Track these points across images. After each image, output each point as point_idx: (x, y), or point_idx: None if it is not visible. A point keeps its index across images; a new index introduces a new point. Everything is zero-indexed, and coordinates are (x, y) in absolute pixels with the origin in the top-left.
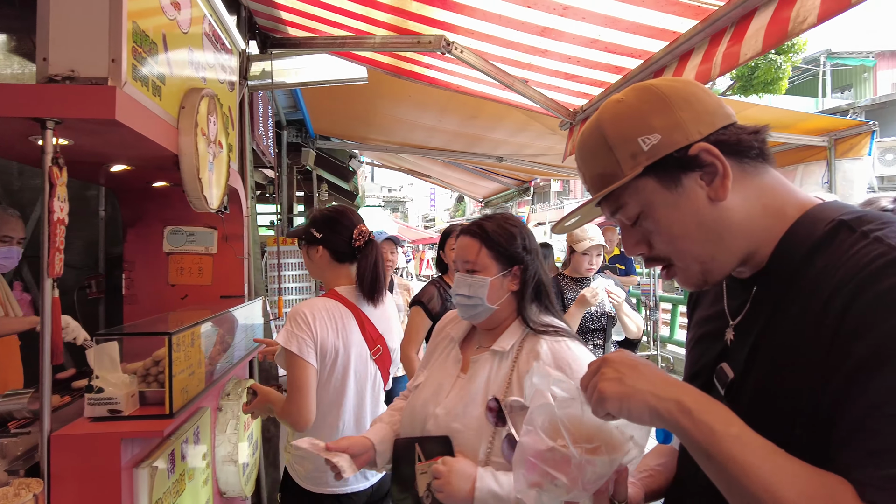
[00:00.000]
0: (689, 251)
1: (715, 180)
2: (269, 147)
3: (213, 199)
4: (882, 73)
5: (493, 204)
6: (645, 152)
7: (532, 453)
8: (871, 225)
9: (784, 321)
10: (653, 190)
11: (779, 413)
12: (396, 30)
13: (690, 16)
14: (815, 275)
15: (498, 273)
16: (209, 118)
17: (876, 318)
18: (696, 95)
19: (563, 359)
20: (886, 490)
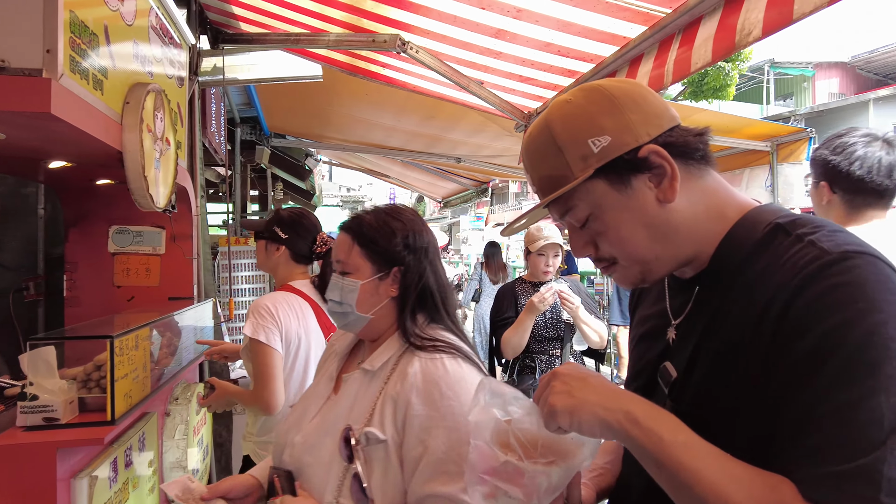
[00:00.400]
0: (635, 252)
1: (663, 182)
2: (222, 144)
3: (159, 198)
4: (820, 83)
5: (453, 204)
6: (595, 154)
7: (483, 470)
8: (805, 228)
9: (726, 322)
10: (603, 192)
11: (721, 413)
12: (352, 28)
13: (640, 22)
14: (754, 276)
15: (372, 276)
16: (156, 114)
17: (813, 319)
18: (643, 97)
19: (432, 380)
20: (826, 487)
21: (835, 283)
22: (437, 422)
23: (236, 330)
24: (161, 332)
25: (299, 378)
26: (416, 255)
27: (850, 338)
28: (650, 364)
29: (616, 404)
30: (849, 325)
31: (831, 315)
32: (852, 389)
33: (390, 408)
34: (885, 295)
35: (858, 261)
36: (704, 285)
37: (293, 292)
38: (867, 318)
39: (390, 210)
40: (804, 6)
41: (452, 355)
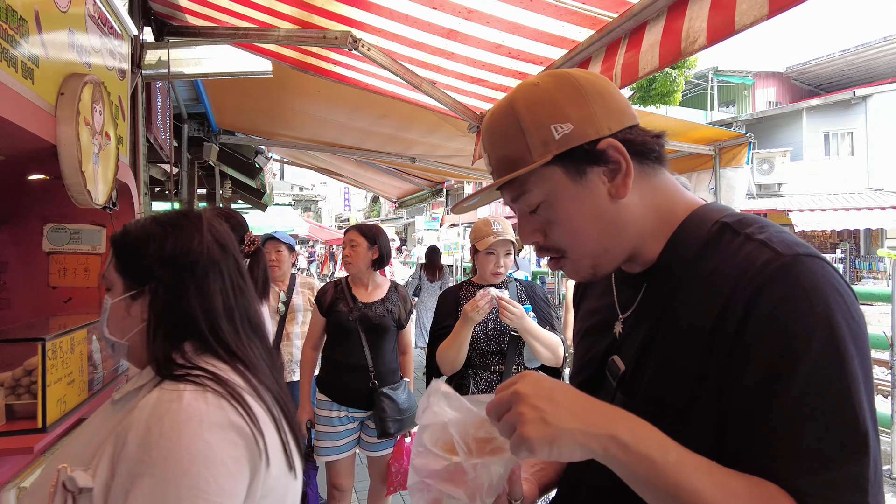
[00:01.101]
0: (583, 244)
1: (617, 177)
2: (168, 141)
3: (98, 195)
4: (759, 91)
5: (408, 205)
6: (556, 141)
7: (426, 474)
8: (752, 228)
9: (677, 317)
10: (558, 180)
11: (673, 407)
12: (302, 24)
13: (587, 25)
14: (706, 274)
15: (123, 294)
16: (94, 107)
17: (777, 326)
18: (608, 91)
19: (157, 415)
20: (818, 496)
21: (793, 288)
22: (144, 468)
23: None
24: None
25: None
26: (174, 272)
27: (815, 343)
28: (596, 358)
29: (598, 428)
30: (812, 330)
31: (794, 321)
32: (826, 395)
33: (110, 446)
34: (836, 297)
35: (810, 264)
36: (653, 281)
37: None
38: (827, 322)
39: (166, 216)
40: (744, 18)
41: (201, 388)
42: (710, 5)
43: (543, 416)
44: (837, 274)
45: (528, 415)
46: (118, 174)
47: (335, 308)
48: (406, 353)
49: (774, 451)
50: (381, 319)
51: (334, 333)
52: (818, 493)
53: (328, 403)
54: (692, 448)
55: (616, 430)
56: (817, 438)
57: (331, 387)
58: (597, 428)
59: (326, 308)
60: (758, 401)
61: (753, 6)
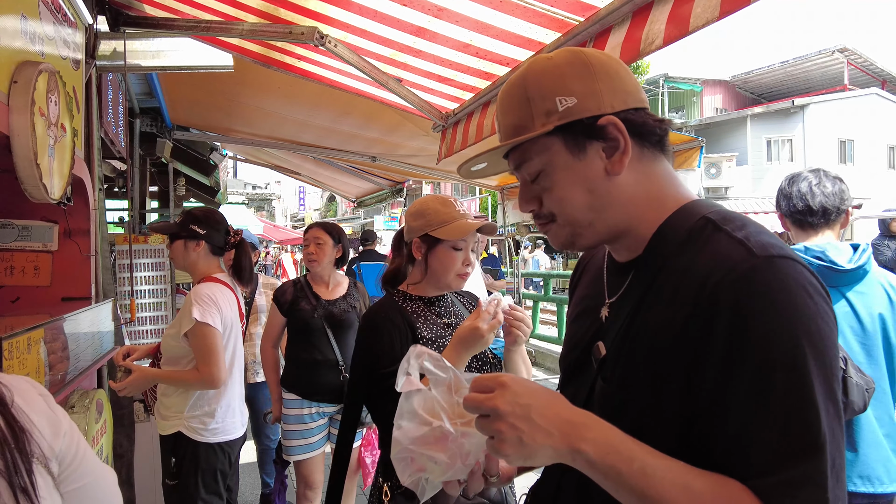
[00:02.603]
0: (571, 213)
1: (615, 155)
2: (120, 136)
3: (54, 189)
4: (707, 98)
5: (367, 204)
6: (559, 112)
7: (409, 441)
8: (732, 225)
9: (653, 308)
10: (557, 150)
11: (643, 395)
12: (267, 17)
13: (555, 28)
14: (683, 267)
15: None
16: (49, 97)
17: (746, 326)
18: (618, 72)
19: None
20: (780, 494)
21: (762, 290)
22: None
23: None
24: (55, 335)
25: (229, 358)
26: None
27: (778, 346)
28: (583, 341)
29: (567, 445)
30: (776, 333)
31: (760, 324)
32: (785, 397)
33: None
34: (804, 300)
35: (782, 265)
36: (639, 269)
37: (220, 283)
38: (791, 326)
39: None
40: (697, 21)
41: None
42: (670, 9)
43: (520, 437)
44: (812, 276)
45: (507, 434)
46: (73, 168)
47: (297, 307)
48: None
49: (737, 450)
50: (346, 315)
51: (298, 331)
52: (778, 492)
53: (297, 402)
54: (656, 440)
55: (582, 444)
56: (777, 439)
57: (300, 385)
58: (566, 445)
59: (287, 307)
60: (722, 401)
61: (706, 9)
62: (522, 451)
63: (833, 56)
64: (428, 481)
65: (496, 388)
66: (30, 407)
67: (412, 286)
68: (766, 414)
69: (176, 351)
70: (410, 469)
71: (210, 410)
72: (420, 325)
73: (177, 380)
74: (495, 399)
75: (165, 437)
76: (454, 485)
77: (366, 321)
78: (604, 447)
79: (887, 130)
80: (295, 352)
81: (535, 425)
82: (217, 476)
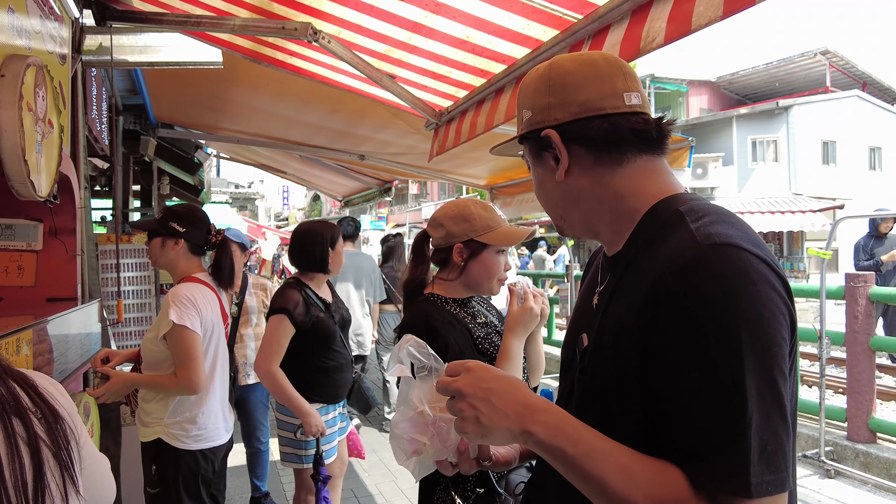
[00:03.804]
0: (545, 206)
1: (558, 163)
2: (103, 133)
3: (41, 186)
4: (692, 99)
5: (354, 203)
6: (523, 122)
7: (402, 426)
8: (693, 216)
9: (619, 301)
10: (527, 154)
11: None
12: (260, 12)
13: (553, 25)
14: (645, 261)
15: None
16: (37, 91)
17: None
18: (576, 84)
19: None
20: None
21: (700, 277)
22: None
23: (125, 335)
24: (41, 336)
25: (210, 362)
26: None
27: (709, 332)
28: (574, 332)
29: (518, 425)
30: (708, 319)
31: (693, 313)
32: (714, 382)
33: None
34: (745, 286)
35: (724, 253)
36: (618, 263)
37: (200, 283)
38: (729, 311)
39: None
40: (700, 19)
41: None
42: (671, 7)
43: (478, 416)
44: (761, 263)
45: (466, 412)
46: (61, 165)
47: (314, 315)
48: None
49: (673, 435)
50: (346, 312)
51: (319, 340)
52: (705, 476)
53: (323, 409)
54: (623, 428)
55: (533, 426)
56: (704, 424)
57: (326, 392)
58: (518, 426)
59: (310, 322)
60: (660, 388)
61: (710, 8)
62: (480, 429)
63: (815, 58)
64: (421, 462)
65: (462, 372)
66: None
67: (441, 289)
68: (695, 400)
69: (156, 355)
70: (408, 451)
71: (191, 416)
72: (471, 326)
73: (155, 385)
74: (459, 381)
75: (146, 444)
76: (446, 465)
77: (425, 327)
78: (552, 430)
79: (868, 132)
80: (315, 361)
81: (493, 407)
82: (199, 484)
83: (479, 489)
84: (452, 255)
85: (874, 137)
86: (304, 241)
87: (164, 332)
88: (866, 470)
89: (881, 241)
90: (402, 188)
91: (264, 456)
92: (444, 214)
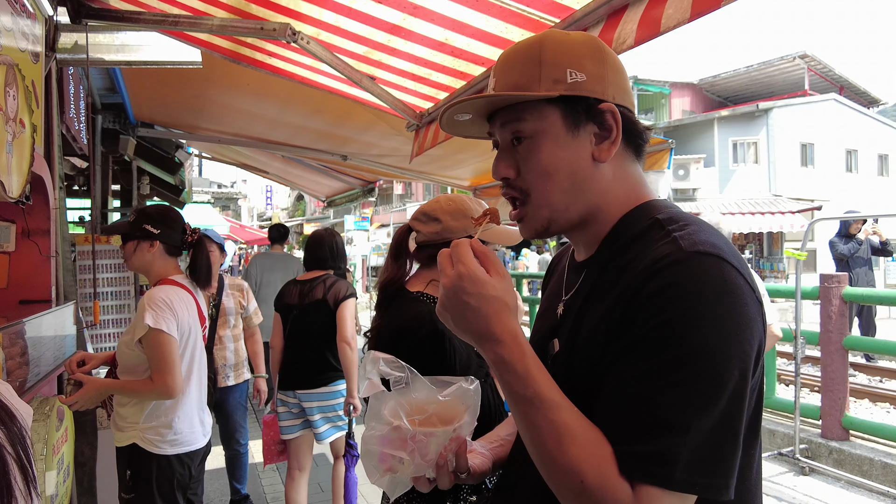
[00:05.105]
0: (550, 192)
1: (604, 143)
2: (82, 133)
3: (12, 187)
4: (675, 101)
5: (337, 204)
6: (567, 84)
7: (377, 442)
8: (675, 225)
9: (595, 305)
10: (553, 121)
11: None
12: (238, 13)
13: (530, 28)
14: (623, 266)
15: None
16: (7, 90)
17: (647, 312)
18: (623, 72)
19: None
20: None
21: (673, 281)
22: None
23: (102, 337)
24: (13, 339)
25: (187, 366)
26: None
27: (669, 334)
28: (543, 338)
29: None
30: (676, 321)
31: (660, 311)
32: (660, 379)
33: None
34: (719, 296)
35: (705, 261)
36: (591, 268)
37: (177, 285)
38: (694, 315)
39: None
40: (669, 22)
41: None
42: (642, 11)
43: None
44: (739, 276)
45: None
46: (33, 165)
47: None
48: None
49: (608, 418)
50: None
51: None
52: (630, 460)
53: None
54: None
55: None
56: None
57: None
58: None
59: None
60: (610, 372)
61: (678, 10)
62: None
63: (794, 62)
64: (398, 480)
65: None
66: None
67: (434, 289)
68: (639, 390)
69: (131, 359)
70: (380, 469)
71: (167, 421)
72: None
73: (131, 390)
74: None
75: (121, 449)
76: (423, 481)
77: (431, 330)
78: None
79: (845, 135)
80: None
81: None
82: (175, 489)
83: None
84: None
85: (850, 140)
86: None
87: (140, 336)
88: (839, 467)
89: (849, 241)
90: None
91: (244, 458)
92: (440, 208)
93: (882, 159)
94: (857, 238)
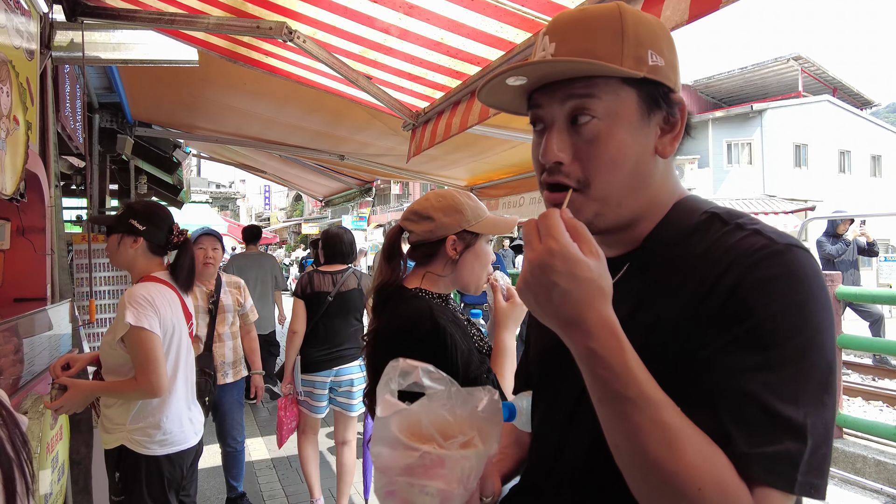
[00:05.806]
0: (612, 182)
1: (667, 136)
2: (78, 132)
3: (6, 184)
4: None
5: (335, 204)
6: (648, 66)
7: (397, 472)
8: (743, 220)
9: (659, 299)
10: (629, 104)
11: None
12: (234, 11)
13: (525, 28)
14: (695, 258)
15: None
16: (0, 87)
17: (758, 302)
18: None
19: None
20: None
21: (782, 272)
22: None
23: (97, 336)
24: (7, 337)
25: (172, 364)
26: None
27: (785, 326)
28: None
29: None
30: (787, 314)
31: (774, 301)
32: (780, 373)
33: None
34: (817, 290)
35: (801, 255)
36: (636, 263)
37: (160, 282)
38: (803, 310)
39: None
40: (667, 23)
41: None
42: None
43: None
44: (820, 272)
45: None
46: (27, 163)
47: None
48: None
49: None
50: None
51: None
52: (753, 463)
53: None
54: None
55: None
56: (759, 415)
57: None
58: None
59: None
60: (716, 366)
61: (676, 12)
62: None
63: (788, 64)
64: None
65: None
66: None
67: (430, 284)
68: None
69: (115, 359)
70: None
71: (154, 421)
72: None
73: (116, 391)
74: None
75: (110, 452)
76: None
77: (431, 326)
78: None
79: (838, 136)
80: None
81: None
82: (166, 490)
83: None
84: (445, 248)
85: (844, 141)
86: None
87: (122, 335)
88: (833, 465)
89: (837, 241)
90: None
91: (240, 455)
92: (431, 206)
93: (875, 160)
94: (844, 238)
